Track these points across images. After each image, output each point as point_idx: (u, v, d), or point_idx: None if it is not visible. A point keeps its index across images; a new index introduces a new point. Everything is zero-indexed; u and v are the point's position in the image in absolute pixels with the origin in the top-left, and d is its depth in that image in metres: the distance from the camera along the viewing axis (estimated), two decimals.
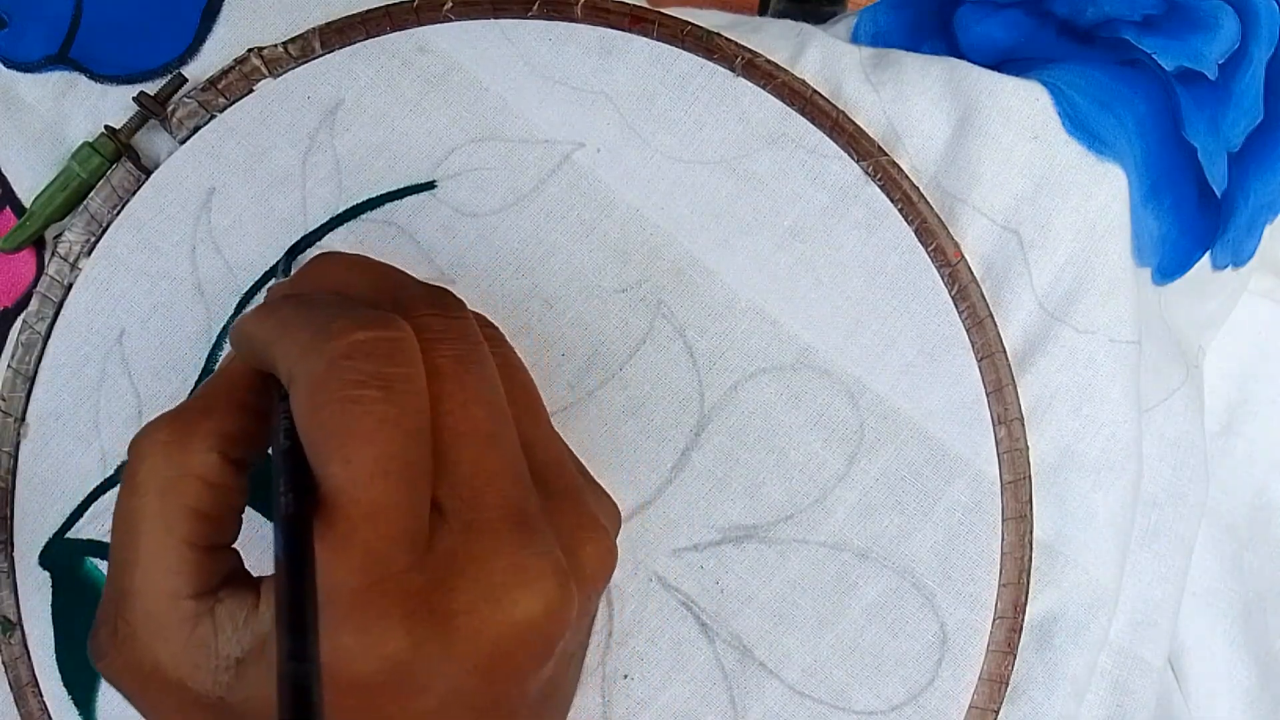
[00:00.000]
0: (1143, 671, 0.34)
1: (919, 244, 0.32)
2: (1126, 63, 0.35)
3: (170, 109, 0.33)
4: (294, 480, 0.18)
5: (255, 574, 0.21)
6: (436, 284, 0.22)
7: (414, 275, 0.23)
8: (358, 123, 0.33)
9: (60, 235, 0.33)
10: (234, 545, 0.21)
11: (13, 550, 0.32)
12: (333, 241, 0.32)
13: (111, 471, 0.32)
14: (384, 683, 0.18)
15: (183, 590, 0.19)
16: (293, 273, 0.26)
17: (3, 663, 0.32)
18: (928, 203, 0.32)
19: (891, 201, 0.32)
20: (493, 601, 0.18)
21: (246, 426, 0.21)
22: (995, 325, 0.32)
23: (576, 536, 0.20)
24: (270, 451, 0.20)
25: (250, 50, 0.33)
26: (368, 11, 0.33)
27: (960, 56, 0.35)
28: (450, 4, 0.33)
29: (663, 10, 0.33)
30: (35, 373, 0.32)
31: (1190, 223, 0.37)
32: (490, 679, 0.19)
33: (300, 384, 0.18)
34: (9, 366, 0.32)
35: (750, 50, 0.33)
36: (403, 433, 0.18)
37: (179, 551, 0.19)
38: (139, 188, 0.33)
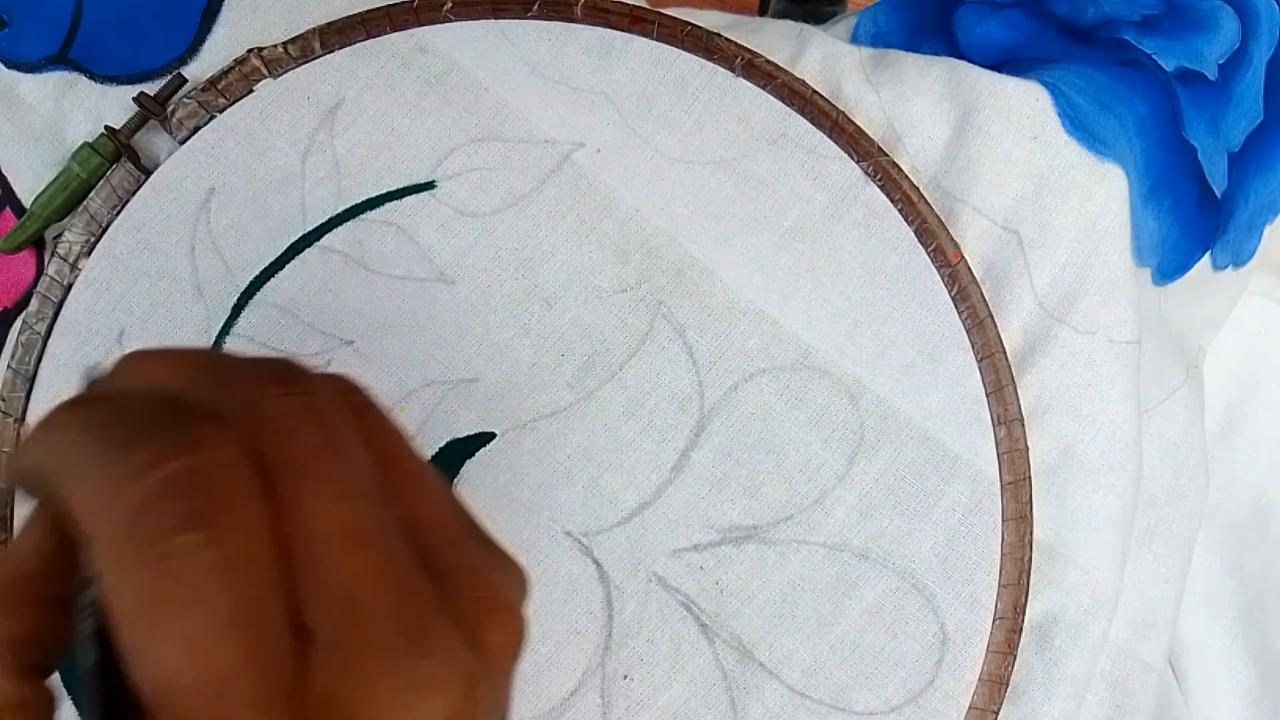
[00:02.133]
0: (1143, 671, 0.34)
1: (919, 244, 0.32)
2: (1126, 63, 0.35)
3: (170, 109, 0.33)
4: (106, 707, 0.15)
5: None
6: (274, 356, 0.19)
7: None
8: (357, 123, 0.33)
9: (60, 235, 0.33)
10: None
11: None
12: (332, 241, 0.32)
13: None
14: None
15: None
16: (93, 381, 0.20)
17: None
18: (928, 203, 0.32)
19: (891, 202, 0.32)
20: None
21: (43, 622, 0.17)
22: (995, 325, 0.32)
23: (480, 623, 0.17)
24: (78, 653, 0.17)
25: (250, 50, 0.33)
26: (368, 12, 0.33)
27: (960, 57, 0.35)
28: (450, 4, 0.33)
29: (663, 10, 0.33)
30: (35, 373, 0.32)
31: (1190, 223, 0.37)
32: None
33: (101, 550, 0.15)
34: (9, 366, 0.32)
35: (750, 50, 0.33)
36: (241, 575, 0.15)
37: None
38: (139, 188, 0.33)
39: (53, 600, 0.17)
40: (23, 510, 0.32)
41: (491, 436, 0.32)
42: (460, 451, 0.32)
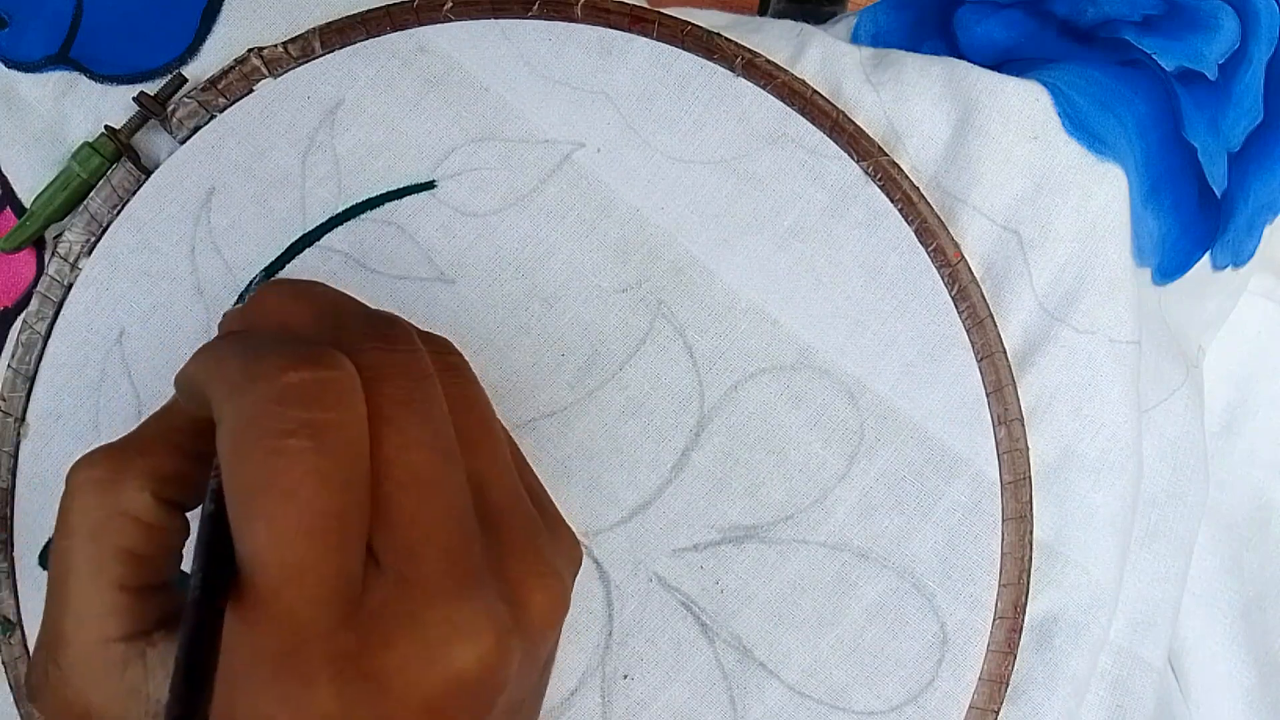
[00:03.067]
0: (1143, 671, 0.34)
1: (919, 244, 0.32)
2: (1126, 63, 0.35)
3: (170, 109, 0.33)
4: (210, 551, 0.17)
5: None
6: (384, 311, 0.21)
7: (363, 301, 0.21)
8: (358, 123, 0.33)
9: (60, 235, 0.33)
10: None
11: (13, 550, 0.32)
12: (332, 241, 0.32)
13: None
14: None
15: (113, 633, 0.19)
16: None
17: (3, 663, 0.32)
18: (928, 203, 0.32)
19: (891, 201, 0.32)
20: (425, 658, 0.17)
21: (184, 468, 0.20)
22: (995, 325, 0.32)
23: (526, 584, 0.19)
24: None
25: (250, 50, 0.33)
26: (368, 11, 0.33)
27: (960, 56, 0.35)
28: (450, 4, 0.33)
29: (663, 10, 0.33)
30: (35, 373, 0.32)
31: (1190, 223, 0.37)
32: None
33: (224, 433, 0.17)
34: (9, 366, 0.32)
35: (750, 50, 0.33)
36: (332, 487, 0.17)
37: (109, 594, 0.19)
38: (139, 188, 0.33)
39: (197, 453, 0.20)
40: (22, 510, 0.32)
41: None
42: None
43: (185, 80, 0.33)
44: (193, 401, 0.20)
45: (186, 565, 0.19)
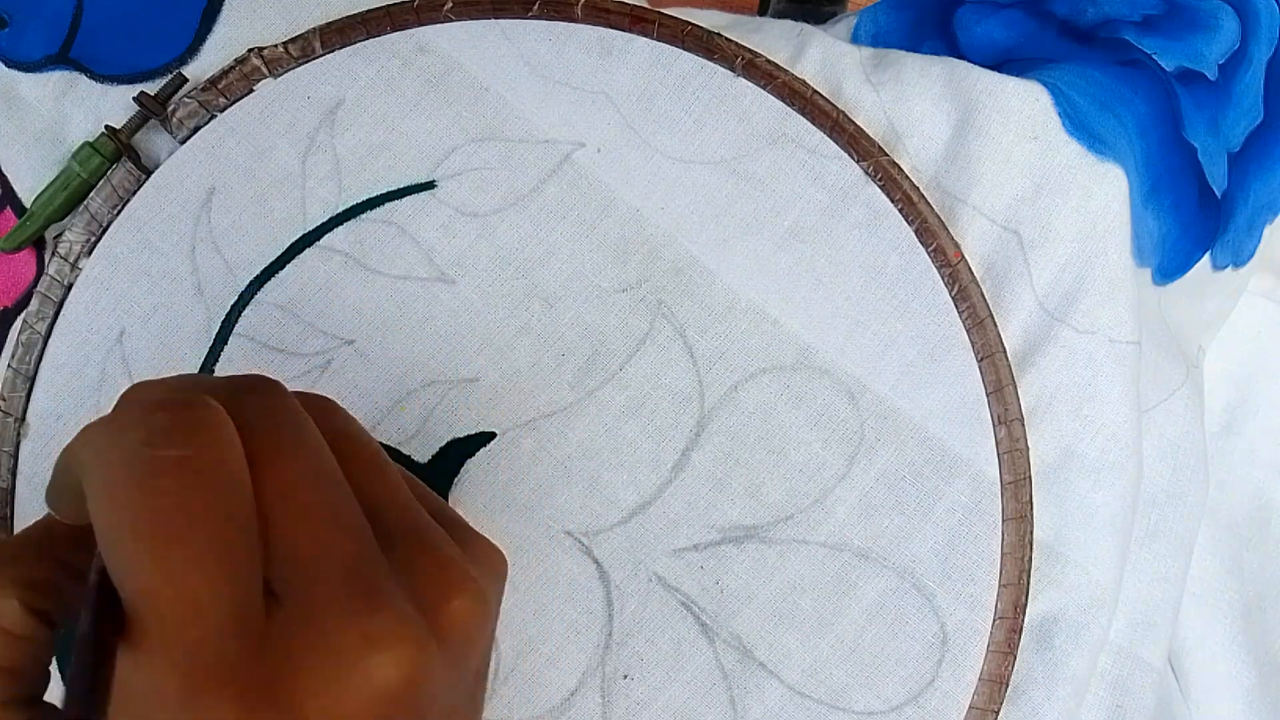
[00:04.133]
0: (1143, 671, 0.34)
1: (919, 244, 0.32)
2: (1126, 63, 0.35)
3: (170, 109, 0.33)
4: (98, 605, 0.17)
5: None
6: (245, 374, 0.21)
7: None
8: (358, 123, 0.33)
9: (60, 235, 0.33)
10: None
11: None
12: (332, 241, 0.32)
13: None
14: None
15: None
16: None
17: None
18: (928, 203, 0.32)
19: (891, 201, 0.32)
20: (339, 678, 0.17)
21: (55, 578, 0.19)
22: (995, 325, 0.32)
23: (440, 593, 0.19)
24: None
25: (250, 50, 0.33)
26: (368, 11, 0.33)
27: (960, 56, 0.35)
28: (450, 4, 0.33)
29: (663, 10, 0.33)
30: (35, 373, 0.32)
31: (1190, 223, 0.37)
32: None
33: (96, 489, 0.17)
34: (9, 366, 0.32)
35: (750, 50, 0.33)
36: (215, 518, 0.17)
37: None
38: (139, 188, 0.33)
39: (69, 564, 0.19)
40: (22, 510, 0.32)
41: (492, 436, 0.32)
42: (460, 451, 0.32)
43: (185, 80, 0.33)
44: (67, 499, 0.19)
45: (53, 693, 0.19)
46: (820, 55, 0.34)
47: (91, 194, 0.32)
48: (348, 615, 0.17)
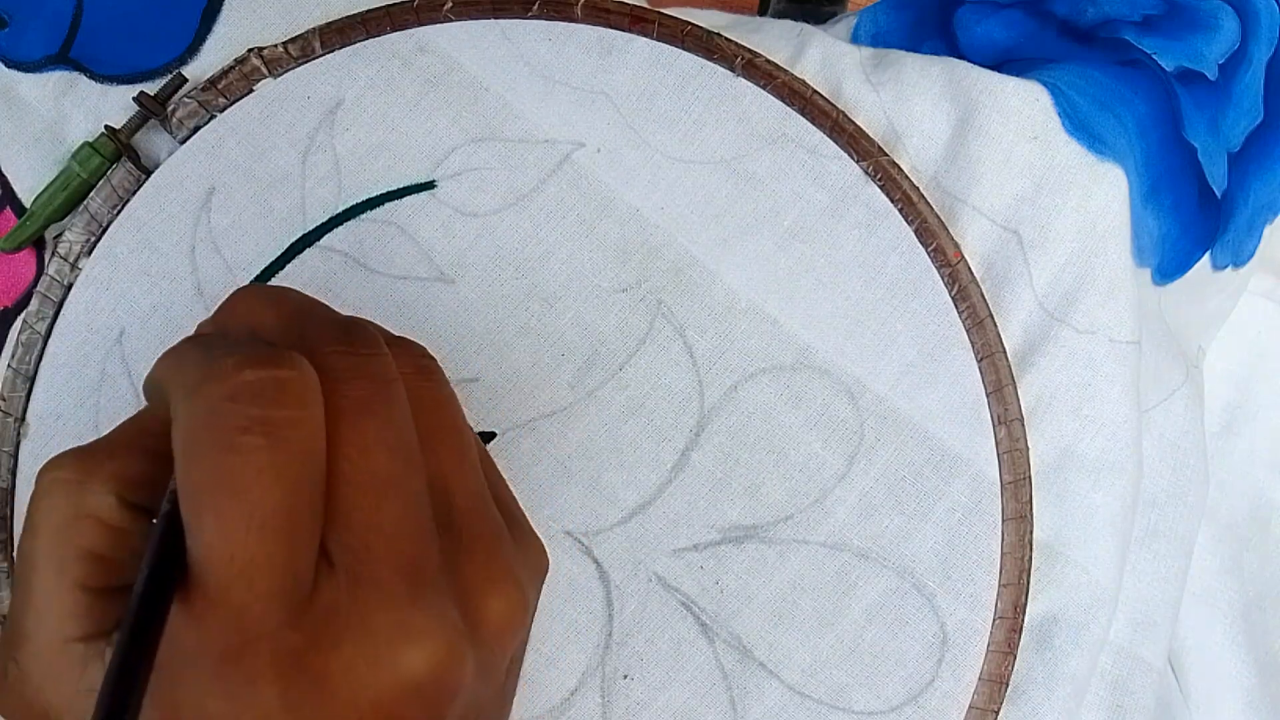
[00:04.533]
0: (1143, 671, 0.34)
1: (919, 244, 0.32)
2: (1126, 63, 0.35)
3: (170, 109, 0.33)
4: (160, 548, 0.17)
5: None
6: (353, 317, 0.21)
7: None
8: (358, 123, 0.33)
9: (60, 235, 0.33)
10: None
11: (13, 550, 0.32)
12: (332, 241, 0.32)
13: None
14: None
15: (73, 633, 0.18)
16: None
17: None
18: (928, 203, 0.32)
19: (891, 201, 0.32)
20: (373, 660, 0.17)
21: (152, 472, 0.19)
22: (995, 325, 0.32)
23: (483, 590, 0.19)
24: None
25: (250, 50, 0.33)
26: (368, 11, 0.33)
27: (960, 56, 0.35)
28: (450, 4, 0.33)
29: (663, 10, 0.33)
30: (35, 373, 0.32)
31: (1190, 223, 0.37)
32: None
33: (178, 430, 0.17)
34: (9, 366, 0.32)
35: (750, 50, 0.33)
36: (284, 484, 0.17)
37: (71, 594, 0.18)
38: (139, 188, 0.33)
39: (167, 458, 0.19)
40: (22, 510, 0.32)
41: (491, 436, 0.32)
42: None
43: (185, 80, 0.33)
44: (158, 403, 0.20)
45: None
46: (820, 55, 0.34)
47: (91, 194, 0.32)
48: (390, 599, 0.18)
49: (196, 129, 0.33)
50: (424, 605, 0.18)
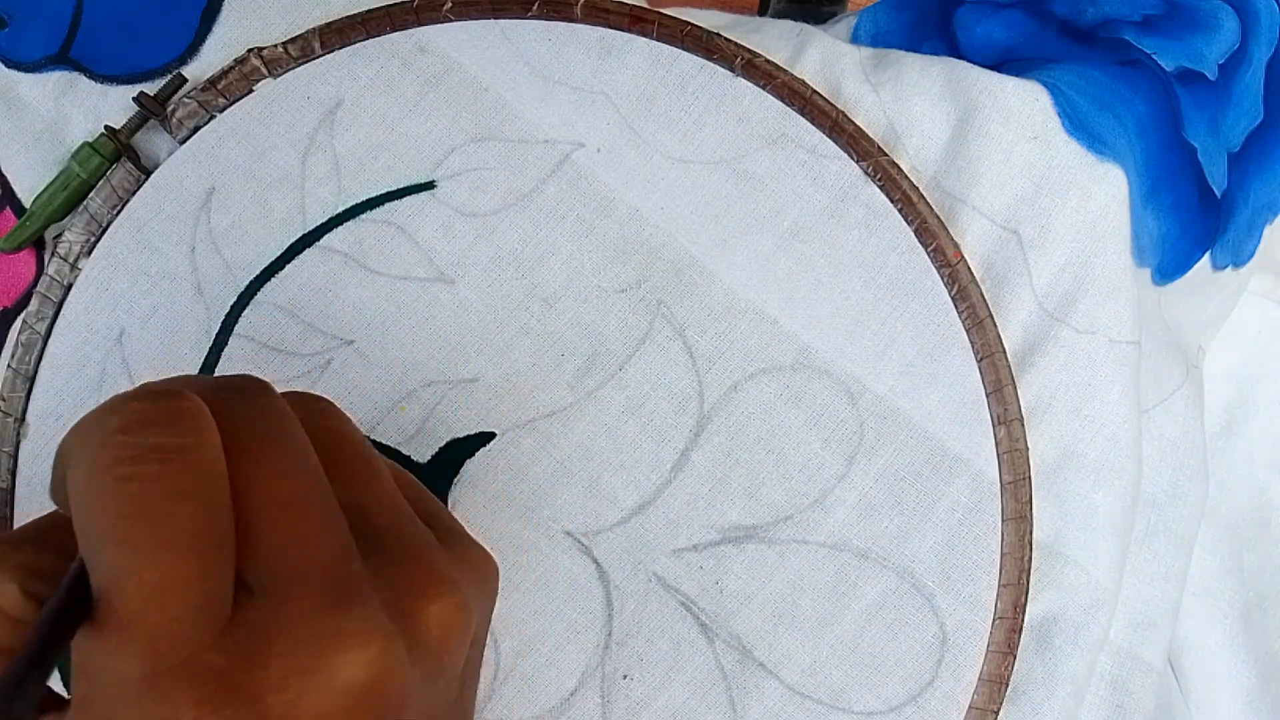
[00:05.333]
0: (1143, 671, 0.34)
1: (919, 244, 0.32)
2: (1126, 63, 0.35)
3: (170, 109, 0.33)
4: (70, 587, 0.17)
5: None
6: (232, 374, 0.21)
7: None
8: (357, 123, 0.33)
9: (60, 235, 0.33)
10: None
11: None
12: (332, 241, 0.32)
13: None
14: None
15: None
16: None
17: None
18: (928, 203, 0.32)
19: (891, 201, 0.32)
20: (305, 672, 0.17)
21: (56, 566, 0.19)
22: (995, 325, 0.32)
23: (416, 595, 0.19)
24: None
25: (250, 50, 0.33)
26: (367, 12, 0.33)
27: (960, 56, 0.35)
28: (450, 4, 0.33)
29: (663, 10, 0.33)
30: (35, 373, 0.32)
31: (1190, 223, 0.37)
32: None
33: (76, 473, 0.17)
34: (9, 366, 0.32)
35: (750, 50, 0.33)
36: (187, 505, 0.17)
37: None
38: (139, 188, 0.33)
39: (71, 550, 0.19)
40: (22, 510, 0.32)
41: (491, 436, 0.32)
42: (460, 451, 0.32)
43: (185, 80, 0.33)
44: (61, 490, 0.19)
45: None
46: (820, 55, 0.34)
47: (91, 194, 0.32)
48: (316, 611, 0.17)
49: (196, 129, 0.33)
50: (350, 611, 0.18)
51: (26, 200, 0.34)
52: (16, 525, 0.32)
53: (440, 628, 0.19)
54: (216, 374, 0.32)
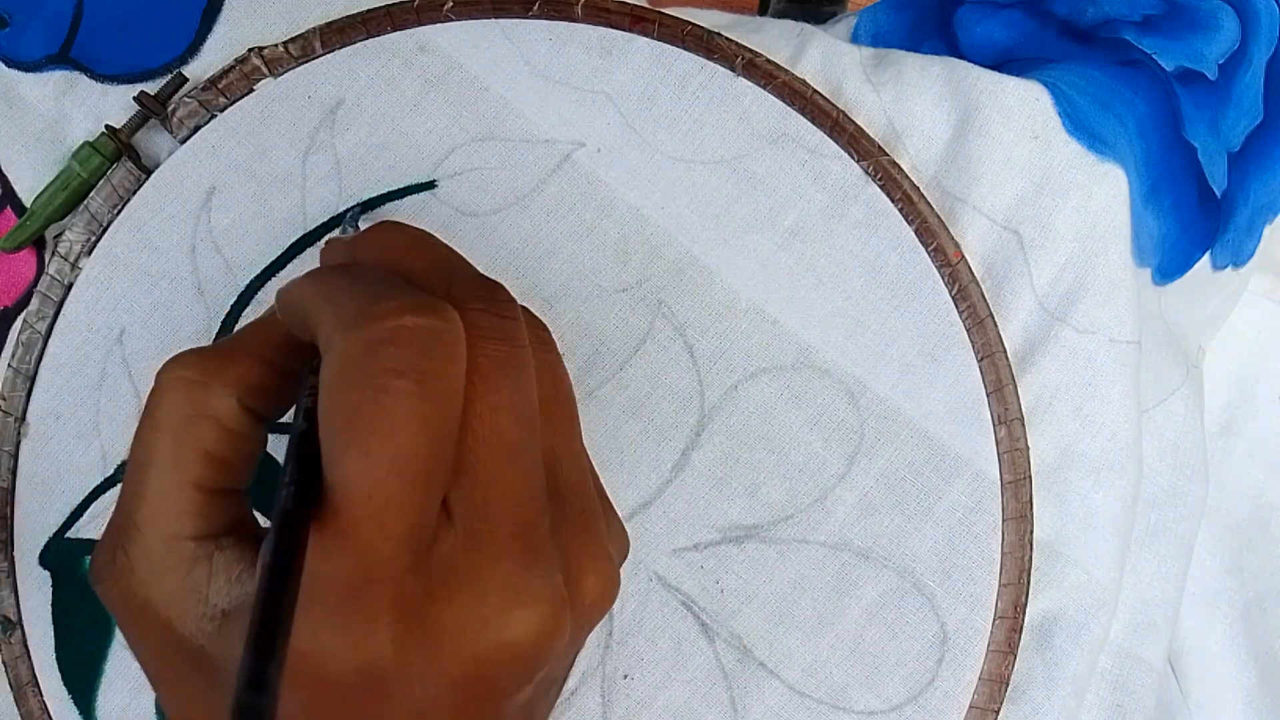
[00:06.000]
0: (1143, 671, 0.34)
1: (919, 244, 0.32)
2: (1127, 63, 0.35)
3: (171, 109, 0.33)
4: (301, 471, 0.17)
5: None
6: (485, 277, 0.21)
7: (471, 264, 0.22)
8: (358, 122, 0.33)
9: (60, 235, 0.33)
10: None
11: (13, 550, 0.32)
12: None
13: (112, 471, 0.32)
14: (357, 684, 0.17)
15: (184, 531, 0.19)
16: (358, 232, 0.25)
17: (3, 662, 0.32)
18: (928, 202, 0.32)
19: (892, 201, 0.32)
20: (483, 619, 0.18)
21: (271, 381, 0.20)
22: (995, 325, 0.32)
23: (582, 565, 0.19)
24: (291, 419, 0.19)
25: (250, 50, 0.33)
26: (368, 11, 0.33)
27: (960, 56, 0.35)
28: (450, 4, 0.33)
29: (663, 10, 0.33)
30: (35, 372, 0.32)
31: (1190, 223, 0.37)
32: (467, 696, 0.18)
33: (334, 360, 0.18)
34: (9, 366, 0.32)
35: (750, 50, 0.33)
36: (428, 434, 0.17)
37: (186, 492, 0.19)
38: (139, 187, 0.33)
39: (286, 369, 0.20)
40: (22, 510, 0.32)
41: None
42: None
43: (185, 80, 0.33)
44: (293, 320, 0.20)
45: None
46: (820, 55, 0.34)
47: (91, 194, 0.32)
48: (505, 560, 0.18)
49: (197, 129, 0.33)
50: (534, 571, 0.18)
51: (27, 200, 0.34)
52: (17, 525, 0.32)
53: (594, 599, 0.20)
54: None
